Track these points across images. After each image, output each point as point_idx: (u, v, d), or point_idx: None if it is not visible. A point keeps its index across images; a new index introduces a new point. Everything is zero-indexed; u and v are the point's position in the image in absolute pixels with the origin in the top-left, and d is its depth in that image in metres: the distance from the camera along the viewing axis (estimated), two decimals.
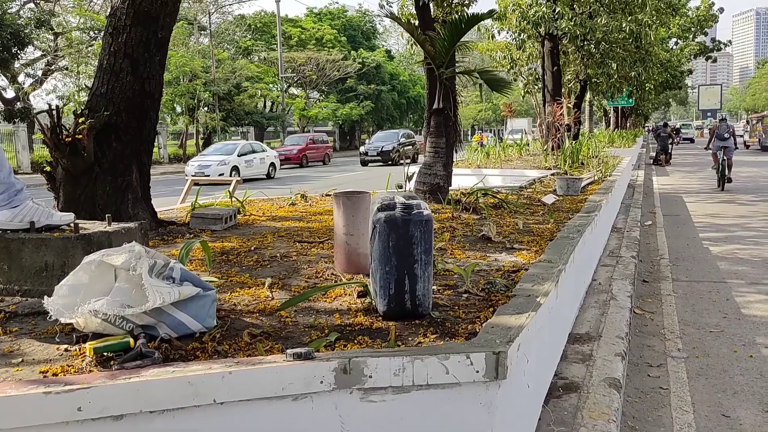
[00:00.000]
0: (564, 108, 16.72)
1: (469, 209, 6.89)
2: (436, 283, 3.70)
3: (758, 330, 5.46)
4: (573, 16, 16.12)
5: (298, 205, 7.78)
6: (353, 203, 4.03)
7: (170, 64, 33.16)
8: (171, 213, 7.08)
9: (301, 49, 50.79)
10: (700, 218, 11.89)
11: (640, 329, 5.52)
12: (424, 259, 3.06)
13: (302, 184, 18.00)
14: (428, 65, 7.96)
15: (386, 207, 3.08)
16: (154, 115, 5.75)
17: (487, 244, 5.08)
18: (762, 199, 14.65)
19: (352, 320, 3.05)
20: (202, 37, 44.99)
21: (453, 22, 7.30)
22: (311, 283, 3.79)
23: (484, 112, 74.06)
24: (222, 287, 3.63)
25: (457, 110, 8.52)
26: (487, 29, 20.16)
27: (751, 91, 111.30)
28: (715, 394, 4.22)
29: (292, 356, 2.26)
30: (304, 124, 51.66)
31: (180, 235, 5.38)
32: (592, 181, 10.72)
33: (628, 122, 49.12)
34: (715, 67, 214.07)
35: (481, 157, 15.99)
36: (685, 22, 35.76)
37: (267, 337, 2.79)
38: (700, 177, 20.83)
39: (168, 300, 2.62)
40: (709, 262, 8.18)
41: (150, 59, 5.53)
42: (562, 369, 3.91)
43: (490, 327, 2.68)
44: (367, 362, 2.27)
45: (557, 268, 3.81)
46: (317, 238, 5.25)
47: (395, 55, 69.80)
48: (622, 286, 6.10)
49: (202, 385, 2.14)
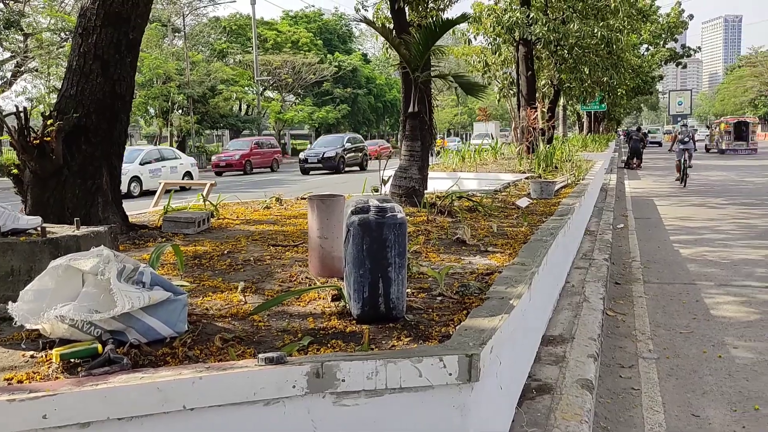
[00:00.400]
0: (538, 112, 16.87)
1: (444, 212, 6.91)
2: (411, 286, 3.70)
3: (727, 331, 5.55)
4: (546, 21, 16.27)
5: (273, 208, 7.74)
6: (327, 206, 4.02)
7: (143, 66, 32.83)
8: (143, 217, 6.99)
9: (276, 52, 50.60)
10: (671, 221, 12.08)
11: (612, 331, 5.58)
12: (398, 262, 3.05)
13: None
14: (404, 69, 7.98)
15: (360, 210, 3.07)
16: (125, 117, 5.67)
17: (462, 247, 5.09)
18: (731, 202, 14.93)
19: (326, 324, 3.03)
20: (176, 39, 44.61)
21: (428, 26, 7.33)
22: (285, 287, 3.77)
23: (459, 116, 74.46)
24: (194, 291, 3.59)
25: (432, 114, 8.56)
26: (463, 33, 20.25)
27: (720, 97, 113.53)
28: (685, 394, 4.27)
29: (264, 361, 2.24)
30: (280, 127, 51.44)
31: (152, 239, 5.31)
32: (566, 185, 10.82)
33: (600, 127, 49.76)
34: (685, 73, 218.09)
35: (456, 160, 16.07)
36: (656, 28, 36.42)
37: (239, 341, 2.76)
38: (671, 181, 21.16)
39: (137, 305, 2.58)
40: (679, 264, 8.30)
41: (121, 61, 5.46)
42: (536, 371, 3.93)
43: (464, 330, 2.69)
44: (340, 366, 2.26)
45: (530, 271, 3.83)
46: (291, 242, 5.22)
47: (371, 58, 69.88)
48: (595, 288, 6.16)
49: (172, 391, 2.11)
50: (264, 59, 47.57)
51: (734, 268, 7.96)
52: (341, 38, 64.48)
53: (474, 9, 18.65)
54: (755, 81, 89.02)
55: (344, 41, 65.03)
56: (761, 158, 33.87)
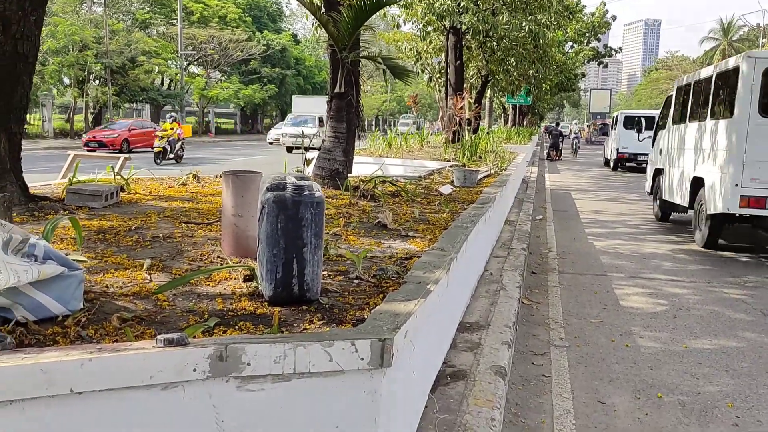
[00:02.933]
0: (465, 102, 17.05)
1: (367, 196, 6.84)
2: (328, 268, 3.60)
3: (634, 321, 5.75)
4: (477, 11, 16.43)
5: (190, 185, 7.44)
6: (243, 183, 3.85)
7: (58, 32, 31.07)
8: (47, 189, 6.56)
9: (203, 27, 48.93)
10: (587, 214, 12.48)
11: (527, 319, 5.67)
12: (314, 243, 2.94)
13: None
14: (332, 47, 7.83)
15: (276, 187, 2.93)
16: (28, 80, 5.26)
17: (383, 231, 5.03)
18: (641, 198, 15.58)
19: (236, 305, 2.89)
20: (95, 5, 42.40)
21: (358, 5, 7.19)
22: (195, 266, 3.59)
23: (389, 103, 74.57)
24: (94, 268, 3.36)
25: (359, 96, 8.44)
26: (393, 18, 20.21)
27: (637, 98, 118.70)
28: (593, 381, 4.38)
29: (163, 342, 2.08)
30: (204, 104, 49.92)
31: (53, 212, 4.97)
32: (489, 175, 10.97)
33: (525, 120, 51.07)
34: (606, 72, 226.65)
35: (383, 146, 16.04)
36: (581, 26, 37.60)
37: (139, 321, 2.59)
38: (589, 176, 21.93)
39: (25, 279, 2.36)
40: (592, 255, 8.57)
41: (24, 18, 5.04)
42: (451, 357, 3.92)
43: (378, 313, 2.61)
44: (245, 349, 2.13)
45: (449, 257, 3.80)
46: (205, 220, 5.01)
47: (302, 39, 68.80)
48: (512, 276, 6.25)
49: (58, 372, 1.93)
50: (189, 33, 45.92)
51: (643, 261, 8.29)
52: (271, 16, 63.08)
53: None
54: (670, 84, 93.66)
55: (274, 20, 63.65)
56: None
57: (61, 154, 21.47)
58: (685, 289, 6.89)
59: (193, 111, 52.81)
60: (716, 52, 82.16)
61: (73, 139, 34.72)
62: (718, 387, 4.32)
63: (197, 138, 44.96)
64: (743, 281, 7.31)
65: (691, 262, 8.31)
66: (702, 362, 4.77)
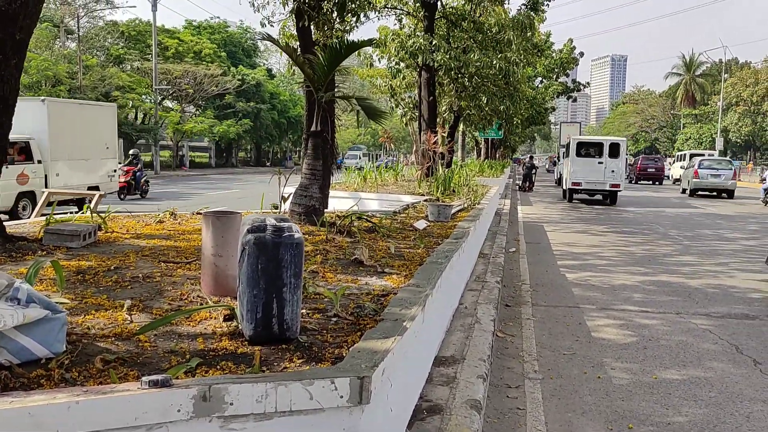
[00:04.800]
0: (439, 137, 17.32)
1: (344, 232, 6.93)
2: (306, 306, 3.67)
3: (606, 353, 5.89)
4: (449, 49, 16.80)
5: (167, 222, 7.46)
6: (223, 223, 3.93)
7: (31, 68, 30.92)
8: (23, 228, 6.55)
9: (178, 62, 49.08)
10: (559, 246, 12.71)
11: (501, 352, 5.77)
12: (293, 283, 3.03)
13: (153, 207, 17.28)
14: (308, 88, 7.98)
15: (256, 229, 3.03)
16: (7, 122, 5.30)
17: (359, 268, 5.12)
18: (611, 230, 15.92)
19: (217, 345, 2.95)
20: (69, 41, 42.35)
21: (333, 47, 7.37)
22: (175, 306, 3.64)
23: (363, 137, 75.14)
24: (75, 309, 3.39)
25: (335, 133, 8.58)
26: (368, 56, 20.57)
27: (606, 130, 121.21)
28: (566, 413, 4.48)
29: (148, 384, 2.15)
30: (179, 138, 49.80)
31: (31, 252, 4.97)
32: (462, 209, 11.15)
33: (497, 153, 51.80)
34: (575, 106, 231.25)
35: (358, 180, 16.18)
36: (550, 63, 38.55)
37: (122, 363, 2.64)
38: (560, 208, 22.29)
39: (10, 323, 2.41)
40: (565, 288, 8.74)
41: (5, 62, 5.11)
42: (428, 391, 4.00)
43: (357, 351, 2.70)
44: (228, 389, 2.20)
45: (425, 293, 3.91)
46: (184, 259, 5.05)
47: (276, 74, 69.29)
48: (487, 310, 6.36)
49: (45, 416, 1.98)
50: (164, 68, 46.01)
51: (614, 292, 8.47)
52: (246, 52, 63.54)
53: (380, 32, 18.98)
54: (637, 117, 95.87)
55: (249, 55, 64.10)
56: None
57: None
58: (655, 320, 7.07)
59: (167, 145, 52.59)
60: (680, 86, 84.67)
61: None
62: (687, 417, 4.45)
63: (171, 172, 44.78)
64: (710, 312, 7.52)
65: (660, 293, 8.52)
66: (671, 393, 4.91)
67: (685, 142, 75.28)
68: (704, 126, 74.75)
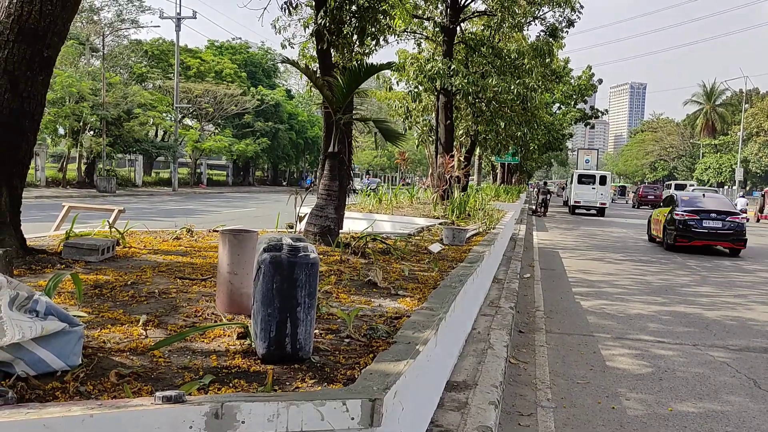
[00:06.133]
0: (455, 160, 17.38)
1: (358, 253, 6.95)
2: (319, 326, 3.68)
3: (620, 383, 5.81)
4: (467, 74, 16.93)
5: (183, 239, 7.53)
6: (240, 242, 3.96)
7: (56, 84, 31.49)
8: (43, 241, 6.64)
9: (199, 81, 49.85)
10: (574, 273, 12.62)
11: (514, 378, 5.72)
12: (307, 303, 3.05)
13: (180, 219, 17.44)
14: (326, 109, 8.07)
15: (272, 248, 3.05)
16: (32, 137, 5.41)
17: (373, 290, 5.13)
18: (628, 258, 15.79)
19: (230, 362, 2.97)
20: (93, 59, 43.16)
21: (352, 70, 7.46)
22: (189, 323, 3.66)
23: (379, 159, 75.50)
24: (92, 323, 3.43)
25: (351, 155, 8.66)
26: (386, 79, 20.77)
27: (624, 158, 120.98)
28: None
29: (161, 399, 2.16)
30: (197, 156, 50.36)
31: (50, 266, 5.04)
32: (477, 233, 11.13)
33: (513, 178, 51.80)
34: (593, 133, 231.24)
35: (373, 202, 16.24)
36: (568, 89, 38.64)
37: (136, 378, 2.66)
38: (576, 235, 22.17)
39: (28, 335, 2.44)
40: (579, 315, 8.66)
41: (32, 78, 5.24)
42: (439, 417, 3.97)
43: (369, 373, 2.70)
44: (240, 407, 2.21)
45: (438, 317, 3.90)
46: (200, 275, 5.09)
47: (295, 94, 70.07)
48: (500, 336, 6.32)
49: (60, 428, 2.00)
50: (185, 86, 46.75)
51: (630, 322, 8.38)
52: (266, 72, 64.38)
53: (399, 56, 19.18)
54: (655, 146, 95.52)
55: (269, 75, 64.94)
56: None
57: (52, 203, 21.56)
58: (671, 351, 6.98)
59: (185, 162, 53.20)
60: (700, 115, 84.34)
61: (65, 188, 34.85)
62: None
63: (188, 189, 45.22)
64: (728, 345, 7.42)
65: (676, 324, 8.41)
66: (687, 426, 4.83)
67: (704, 172, 74.81)
68: (724, 156, 74.27)
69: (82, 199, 27.26)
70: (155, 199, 32.15)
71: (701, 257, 16.61)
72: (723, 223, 17.15)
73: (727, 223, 17.18)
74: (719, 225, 17.15)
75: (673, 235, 17.48)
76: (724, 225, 17.14)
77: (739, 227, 17.20)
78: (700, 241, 17.18)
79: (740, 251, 17.62)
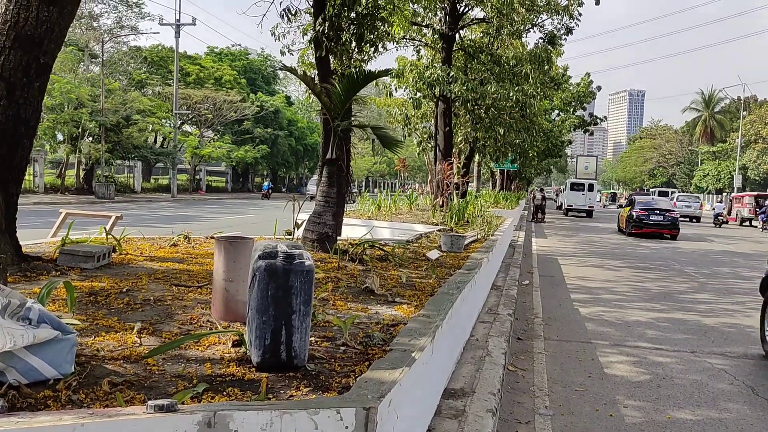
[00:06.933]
0: (454, 167, 17.38)
1: (356, 260, 6.94)
2: (315, 334, 3.66)
3: (618, 390, 5.79)
4: (466, 81, 16.93)
5: (180, 246, 7.51)
6: (235, 249, 3.95)
7: (54, 90, 31.50)
8: (39, 247, 6.62)
9: (198, 87, 49.91)
10: (572, 280, 12.60)
11: (512, 386, 5.70)
12: (302, 310, 3.03)
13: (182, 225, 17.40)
14: (324, 116, 8.07)
15: (267, 255, 3.04)
16: (28, 143, 5.40)
17: (370, 297, 5.11)
18: (627, 265, 15.77)
19: (224, 370, 2.95)
20: (92, 65, 43.21)
21: (350, 77, 7.46)
22: (184, 330, 3.64)
23: (378, 165, 75.53)
24: (85, 331, 3.41)
25: (350, 162, 8.65)
26: (386, 86, 20.78)
27: (623, 165, 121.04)
28: None
29: (154, 408, 2.14)
30: (196, 162, 50.37)
31: (45, 272, 5.02)
32: (476, 240, 11.12)
33: (512, 185, 51.84)
34: (592, 140, 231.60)
35: (372, 208, 16.24)
36: (567, 96, 38.72)
37: (129, 386, 2.64)
38: (575, 242, 22.16)
39: (20, 343, 2.42)
40: (578, 322, 8.64)
41: (29, 85, 5.23)
42: (435, 424, 3.94)
43: (364, 381, 2.68)
44: (233, 416, 2.19)
45: (435, 324, 3.88)
46: (196, 282, 5.07)
47: (294, 101, 70.13)
48: (498, 343, 6.30)
49: None
50: (184, 93, 46.79)
51: (628, 329, 8.36)
52: (266, 79, 64.47)
53: (398, 63, 19.20)
54: (654, 152, 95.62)
55: (268, 82, 65.02)
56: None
57: (50, 210, 21.53)
58: (669, 358, 6.96)
59: (184, 169, 53.20)
60: (699, 122, 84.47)
61: (63, 194, 34.83)
62: None
63: (187, 195, 45.20)
64: (725, 352, 7.39)
65: (674, 331, 8.39)
66: None
67: (703, 179, 74.87)
68: (722, 163, 74.32)
69: (80, 205, 27.24)
70: (154, 205, 32.13)
71: (700, 265, 16.61)
72: (664, 218, 24.70)
73: (666, 217, 24.74)
74: (661, 218, 24.71)
75: (631, 225, 24.88)
76: (664, 218, 24.69)
77: (675, 220, 24.89)
78: (648, 229, 24.59)
79: (677, 236, 25.07)
